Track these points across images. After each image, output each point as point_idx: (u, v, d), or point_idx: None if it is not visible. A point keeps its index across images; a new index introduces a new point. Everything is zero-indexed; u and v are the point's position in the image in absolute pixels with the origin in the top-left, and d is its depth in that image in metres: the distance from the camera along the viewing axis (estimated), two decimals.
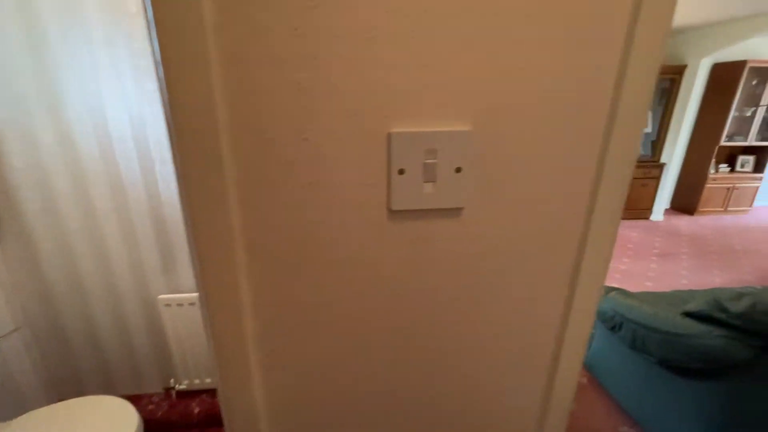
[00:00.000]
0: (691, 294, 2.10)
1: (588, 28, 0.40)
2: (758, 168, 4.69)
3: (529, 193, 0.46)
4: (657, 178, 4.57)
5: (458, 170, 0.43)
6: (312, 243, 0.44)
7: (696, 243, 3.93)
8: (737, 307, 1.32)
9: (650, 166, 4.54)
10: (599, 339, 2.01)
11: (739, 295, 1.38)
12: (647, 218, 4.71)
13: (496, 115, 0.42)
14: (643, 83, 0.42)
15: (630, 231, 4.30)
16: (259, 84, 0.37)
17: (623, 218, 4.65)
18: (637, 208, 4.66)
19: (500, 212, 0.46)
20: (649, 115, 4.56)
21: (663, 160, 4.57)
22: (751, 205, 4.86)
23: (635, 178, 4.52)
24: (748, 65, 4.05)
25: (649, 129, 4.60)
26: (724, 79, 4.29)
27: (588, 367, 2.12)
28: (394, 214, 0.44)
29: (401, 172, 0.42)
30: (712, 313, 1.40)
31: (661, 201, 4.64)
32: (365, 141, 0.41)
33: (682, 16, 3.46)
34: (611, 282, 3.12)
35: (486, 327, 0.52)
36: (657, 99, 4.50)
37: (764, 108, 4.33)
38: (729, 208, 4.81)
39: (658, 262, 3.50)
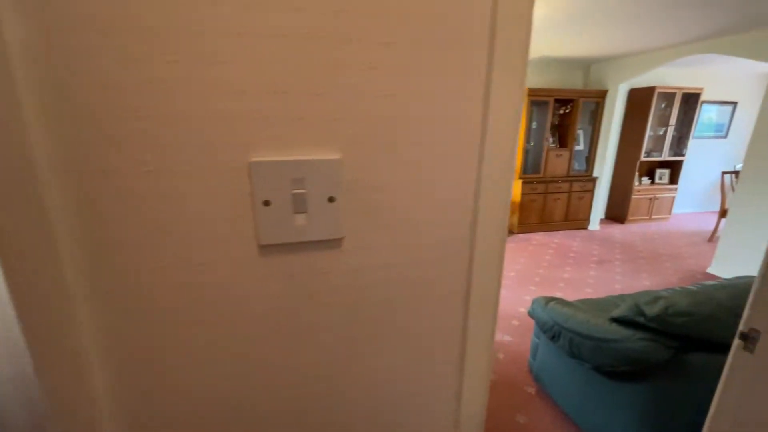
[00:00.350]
0: (621, 298, 2.26)
1: (449, 56, 0.40)
2: (673, 180, 5.32)
3: (411, 219, 0.45)
4: (592, 191, 4.98)
5: (331, 200, 0.41)
6: (170, 285, 0.39)
7: (627, 249, 4.29)
8: (652, 310, 1.42)
9: (585, 180, 4.95)
10: (543, 349, 2.08)
11: (656, 298, 1.48)
12: (586, 228, 5.09)
13: (367, 142, 0.41)
14: (507, 107, 0.43)
15: (571, 240, 4.60)
16: (87, 110, 0.33)
17: (566, 229, 4.99)
18: (577, 219, 5.02)
19: (383, 241, 0.45)
20: (581, 133, 5.01)
21: (595, 174, 5.00)
22: (670, 213, 5.45)
23: (573, 191, 4.91)
24: (657, 90, 4.64)
25: (581, 146, 5.04)
26: (639, 102, 4.87)
27: (535, 377, 2.17)
28: (264, 248, 0.41)
29: (267, 203, 0.39)
30: (634, 317, 1.49)
31: (596, 212, 5.05)
32: (223, 171, 0.37)
33: (602, 48, 3.90)
34: (556, 291, 3.28)
35: (378, 360, 0.49)
36: (587, 119, 4.98)
37: (672, 128, 4.94)
38: (653, 216, 5.36)
39: (596, 269, 3.76)
